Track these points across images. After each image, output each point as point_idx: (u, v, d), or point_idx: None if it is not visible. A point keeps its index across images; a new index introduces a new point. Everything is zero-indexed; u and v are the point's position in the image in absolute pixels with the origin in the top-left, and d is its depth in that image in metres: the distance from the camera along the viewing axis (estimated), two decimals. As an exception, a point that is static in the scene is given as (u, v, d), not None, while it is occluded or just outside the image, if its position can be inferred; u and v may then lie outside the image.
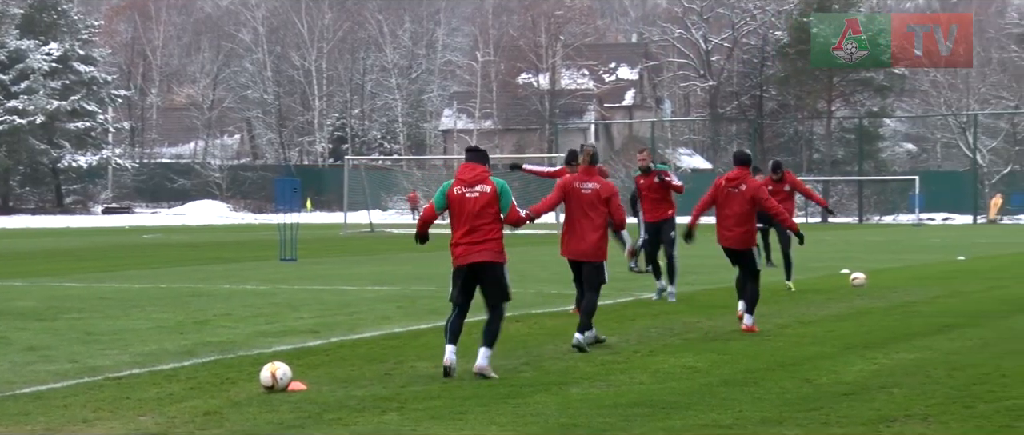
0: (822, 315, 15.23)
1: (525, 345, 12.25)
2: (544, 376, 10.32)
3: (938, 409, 8.71)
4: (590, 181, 11.93)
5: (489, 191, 10.32)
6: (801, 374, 10.36)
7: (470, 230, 10.29)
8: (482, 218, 10.28)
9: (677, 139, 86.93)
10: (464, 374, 10.38)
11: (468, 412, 8.71)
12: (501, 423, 8.35)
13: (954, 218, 69.54)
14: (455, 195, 10.38)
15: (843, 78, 78.31)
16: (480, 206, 10.29)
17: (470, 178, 10.40)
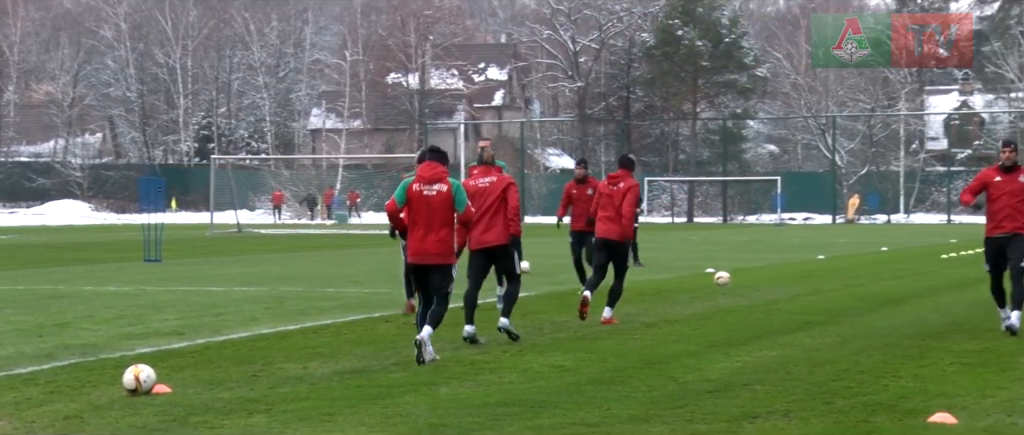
0: (688, 314, 15.46)
1: (395, 345, 12.22)
2: (414, 376, 10.30)
3: (799, 405, 8.91)
4: (488, 176, 12.43)
5: (446, 190, 11.01)
6: (667, 372, 10.50)
7: (425, 228, 10.99)
8: (436, 216, 10.97)
9: (546, 139, 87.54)
10: (332, 374, 10.32)
11: (337, 413, 8.65)
12: (370, 424, 8.31)
13: (814, 218, 71.23)
14: (414, 191, 11.03)
15: (707, 80, 79.67)
16: (436, 204, 10.96)
17: (429, 176, 11.05)
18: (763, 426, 8.21)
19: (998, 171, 13.06)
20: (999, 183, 12.98)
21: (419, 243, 11.04)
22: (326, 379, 10.13)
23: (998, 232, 12.99)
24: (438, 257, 11.05)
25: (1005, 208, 12.90)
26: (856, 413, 8.59)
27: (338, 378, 10.16)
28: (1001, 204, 12.93)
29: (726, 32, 79.83)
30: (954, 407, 8.67)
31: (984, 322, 14.21)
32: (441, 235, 11.03)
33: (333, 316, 14.96)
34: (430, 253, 11.05)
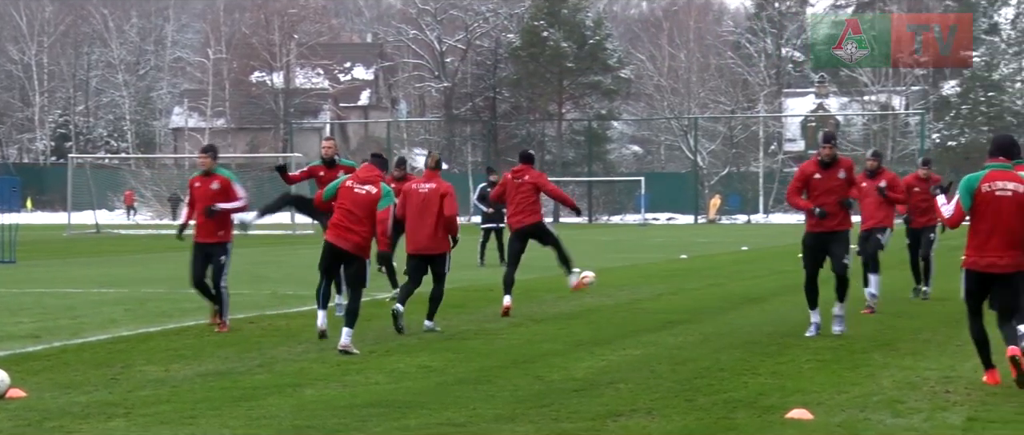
0: (553, 313, 15.58)
1: (259, 346, 12.08)
2: (278, 378, 10.20)
3: (662, 402, 9.04)
4: (429, 182, 13.42)
5: (375, 192, 11.94)
6: (533, 371, 10.57)
7: (348, 219, 11.91)
8: (360, 213, 11.88)
9: (413, 140, 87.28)
10: (194, 376, 10.17)
11: (199, 416, 8.52)
12: (233, 427, 8.21)
13: (677, 218, 72.32)
14: (346, 187, 12.08)
15: (573, 81, 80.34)
16: (363, 202, 11.89)
17: (364, 177, 12.10)
18: (627, 424, 8.31)
19: (817, 166, 12.75)
20: (818, 180, 12.70)
21: (343, 231, 11.92)
22: (188, 381, 9.97)
23: (818, 229, 12.70)
24: (356, 248, 11.91)
25: (823, 206, 12.63)
26: (717, 410, 8.75)
27: (201, 380, 10.01)
28: (820, 202, 12.64)
29: (591, 34, 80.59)
30: (810, 403, 8.89)
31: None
32: (363, 229, 11.91)
33: (196, 317, 14.73)
34: (351, 241, 11.91)
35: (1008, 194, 9.44)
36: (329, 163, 14.71)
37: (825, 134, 12.96)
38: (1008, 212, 9.40)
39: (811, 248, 12.80)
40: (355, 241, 11.90)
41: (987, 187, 9.50)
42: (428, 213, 13.23)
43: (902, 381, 9.99)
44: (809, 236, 12.82)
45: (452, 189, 13.48)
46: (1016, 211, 9.40)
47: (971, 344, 12.21)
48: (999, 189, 9.46)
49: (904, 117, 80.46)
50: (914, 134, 78.14)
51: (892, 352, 11.70)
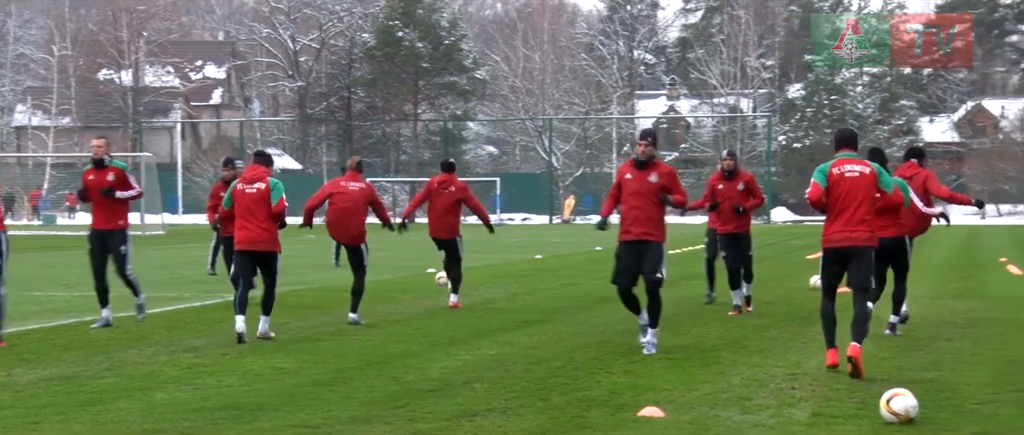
0: (410, 313, 15.55)
1: (107, 349, 11.81)
2: (127, 381, 9.99)
3: (517, 402, 9.10)
4: (354, 182, 14.33)
5: (264, 188, 12.67)
6: (389, 372, 10.54)
7: (248, 220, 12.63)
8: (257, 210, 12.60)
9: (266, 140, 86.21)
10: (38, 381, 9.89)
11: (44, 421, 8.30)
12: (80, 432, 8.01)
13: (532, 218, 72.81)
14: (237, 190, 12.76)
15: (428, 82, 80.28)
16: (255, 201, 12.60)
17: (251, 177, 12.79)
18: (482, 423, 8.34)
19: (631, 166, 11.69)
20: (629, 180, 11.59)
21: (246, 233, 12.66)
22: (32, 386, 9.70)
23: (627, 237, 11.54)
24: (263, 244, 12.69)
25: (632, 210, 11.47)
26: (571, 409, 8.83)
27: (45, 385, 9.74)
28: (629, 205, 11.50)
29: (446, 34, 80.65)
30: (662, 401, 9.03)
31: (690, 318, 14.86)
32: (265, 226, 12.67)
33: (39, 321, 14.33)
34: (255, 241, 12.67)
35: (856, 174, 10.45)
36: (98, 163, 13.94)
37: (643, 131, 11.87)
38: (857, 189, 10.40)
39: (621, 258, 11.57)
40: (263, 238, 12.66)
41: (837, 170, 10.50)
42: (357, 209, 14.16)
43: (750, 378, 10.21)
44: (621, 245, 11.57)
45: (374, 188, 14.68)
46: (864, 188, 10.41)
47: (816, 342, 12.58)
48: (848, 171, 10.47)
49: (752, 119, 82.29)
50: (762, 136, 79.99)
51: (741, 350, 11.95)
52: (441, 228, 16.24)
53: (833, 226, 10.52)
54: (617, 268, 11.59)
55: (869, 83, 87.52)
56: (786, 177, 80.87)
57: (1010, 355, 11.56)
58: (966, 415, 8.56)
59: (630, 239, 11.54)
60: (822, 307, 10.67)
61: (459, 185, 16.30)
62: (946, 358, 11.34)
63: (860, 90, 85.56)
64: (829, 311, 10.56)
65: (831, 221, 10.55)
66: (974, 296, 18.19)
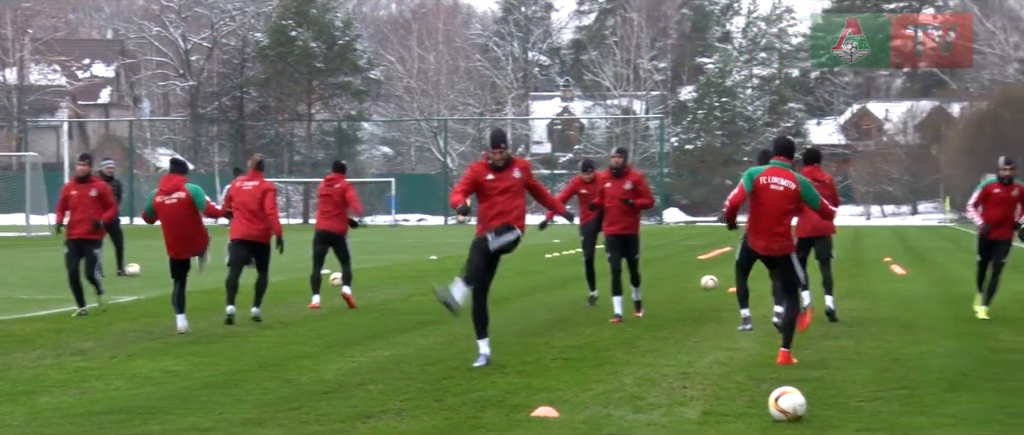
0: (303, 316, 15.45)
1: (-9, 355, 11.55)
2: (11, 385, 9.78)
3: (411, 403, 9.09)
4: (253, 180, 14.64)
5: (184, 196, 13.12)
6: (282, 374, 10.46)
7: (174, 231, 13.18)
8: (181, 219, 13.10)
9: (157, 139, 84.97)
10: (-79, 389, 9.64)
11: (-74, 429, 8.09)
12: (-36, 439, 7.83)
13: (427, 219, 72.72)
14: (158, 202, 13.20)
15: (322, 82, 79.74)
16: (178, 210, 13.09)
17: (168, 188, 13.21)
18: (376, 425, 8.32)
19: (488, 168, 11.18)
20: (490, 181, 11.12)
21: (175, 243, 13.23)
22: (-87, 393, 9.45)
23: None
24: (194, 252, 13.31)
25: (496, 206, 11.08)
26: (466, 409, 8.86)
27: (-73, 392, 9.50)
28: (497, 208, 11.11)
29: (340, 34, 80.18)
30: (556, 401, 9.09)
31: (584, 318, 14.97)
32: (192, 232, 13.23)
33: (-79, 325, 13.97)
34: (182, 251, 13.29)
35: (780, 189, 10.90)
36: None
37: (495, 135, 11.24)
38: (775, 203, 10.89)
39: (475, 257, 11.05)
40: (192, 248, 13.32)
41: (764, 179, 10.99)
42: (256, 207, 14.45)
43: (643, 378, 10.32)
44: (479, 239, 11.10)
45: (274, 187, 14.90)
46: (782, 203, 10.89)
47: (707, 342, 12.77)
48: (773, 183, 10.92)
49: (645, 121, 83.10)
50: (654, 137, 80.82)
51: (633, 350, 12.07)
52: (327, 225, 16.56)
53: (753, 233, 11.13)
54: (472, 265, 10.96)
55: (759, 86, 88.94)
56: (678, 178, 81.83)
57: (893, 353, 11.84)
58: (851, 412, 8.76)
59: None
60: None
61: (344, 184, 16.62)
62: (832, 356, 11.58)
63: (750, 92, 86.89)
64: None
65: (751, 226, 11.16)
66: (859, 295, 18.59)
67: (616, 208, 14.75)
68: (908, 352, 11.87)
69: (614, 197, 14.78)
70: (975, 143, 71.83)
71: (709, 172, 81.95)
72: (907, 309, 16.37)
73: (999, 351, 11.97)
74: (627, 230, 14.82)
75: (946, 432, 8.10)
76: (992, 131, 71.51)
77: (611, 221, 14.84)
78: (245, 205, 14.51)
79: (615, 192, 14.76)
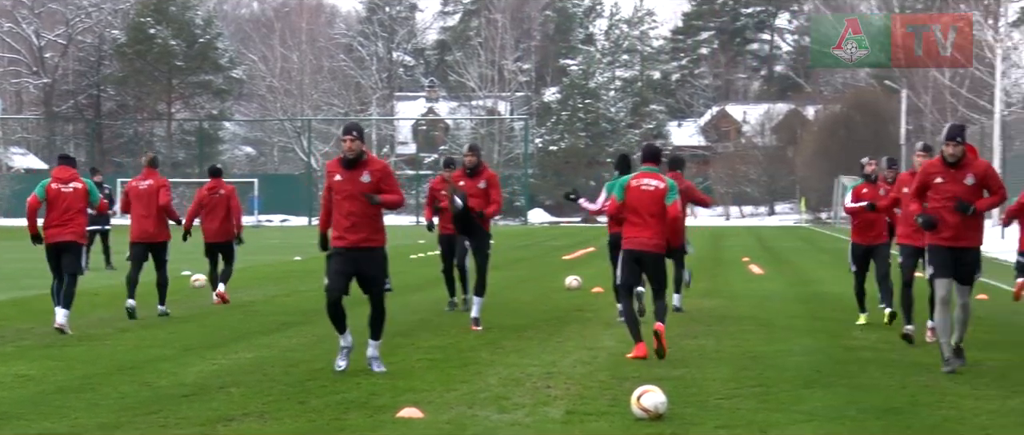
0: (162, 319, 15.18)
1: None
2: None
3: (274, 406, 9.01)
4: (148, 179, 15.27)
5: (81, 187, 13.76)
6: (140, 377, 10.27)
7: (61, 217, 13.60)
8: (74, 207, 13.63)
9: (9, 138, 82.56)
10: None
11: None
12: None
13: (291, 220, 72.00)
14: (53, 189, 13.68)
15: (182, 80, 78.47)
16: (73, 198, 13.65)
17: (65, 177, 13.75)
18: (238, 428, 8.23)
19: (339, 166, 10.52)
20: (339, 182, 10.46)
21: (60, 229, 13.59)
22: None
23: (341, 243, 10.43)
24: (74, 237, 13.63)
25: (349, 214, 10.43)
26: (330, 411, 8.81)
27: None
28: (343, 209, 10.45)
29: (201, 32, 78.97)
30: (421, 402, 9.09)
31: (449, 320, 14.98)
32: (78, 221, 13.69)
33: None
34: (66, 236, 13.60)
35: (651, 189, 11.63)
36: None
37: (346, 126, 10.45)
38: (650, 203, 11.60)
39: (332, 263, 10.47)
40: (73, 232, 13.65)
41: (635, 183, 11.70)
42: (151, 205, 15.14)
43: (507, 378, 10.38)
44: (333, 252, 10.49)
45: (167, 183, 15.49)
46: (656, 202, 11.59)
47: (571, 341, 12.89)
48: (644, 185, 11.66)
49: (510, 122, 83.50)
50: (519, 138, 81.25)
51: (498, 350, 12.13)
52: (219, 232, 17.03)
53: (629, 232, 11.70)
54: (329, 273, 10.38)
55: (621, 88, 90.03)
56: (543, 179, 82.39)
57: (751, 351, 12.09)
58: (710, 410, 8.93)
59: (347, 247, 10.35)
60: (624, 307, 11.78)
61: (228, 189, 17.13)
62: (692, 355, 11.79)
63: (613, 94, 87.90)
64: (630, 311, 11.71)
65: (628, 227, 11.72)
66: (718, 295, 18.94)
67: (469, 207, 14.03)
68: (765, 350, 12.14)
69: (469, 196, 14.08)
70: (829, 145, 73.78)
71: (573, 173, 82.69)
72: (764, 308, 16.73)
73: (851, 349, 12.32)
74: None
75: (801, 428, 8.31)
76: (844, 133, 73.54)
77: None
78: (141, 204, 15.18)
79: (470, 191, 14.14)
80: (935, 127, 61.70)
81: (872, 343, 12.74)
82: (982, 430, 8.24)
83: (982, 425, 8.37)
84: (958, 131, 10.84)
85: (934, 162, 10.95)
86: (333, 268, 10.37)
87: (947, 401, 9.25)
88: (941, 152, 10.89)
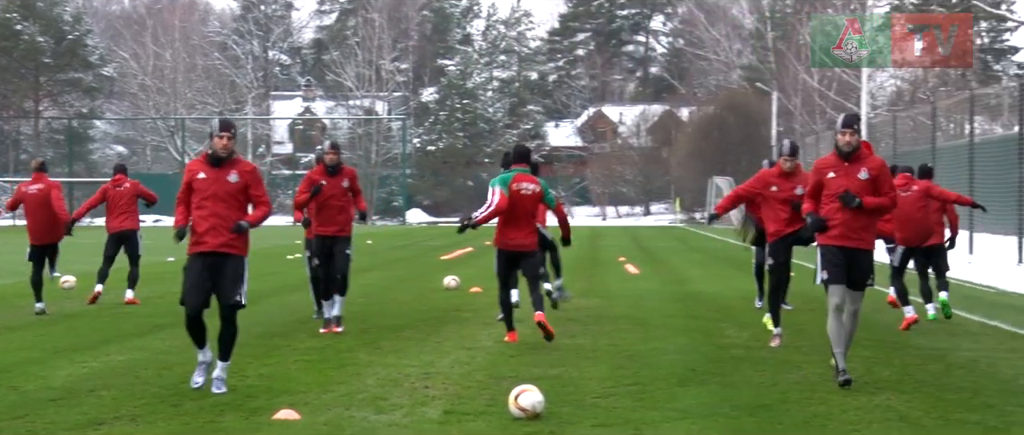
0: (32, 320, 14.85)
1: None
2: None
3: (147, 409, 8.86)
4: (37, 183, 15.69)
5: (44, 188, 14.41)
6: (7, 381, 10.03)
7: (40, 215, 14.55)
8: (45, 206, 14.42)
9: None
10: None
11: None
12: None
13: (164, 220, 70.78)
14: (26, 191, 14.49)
15: (50, 78, 76.68)
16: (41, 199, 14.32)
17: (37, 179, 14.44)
18: (109, 432, 8.08)
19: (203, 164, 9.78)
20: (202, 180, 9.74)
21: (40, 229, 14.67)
22: None
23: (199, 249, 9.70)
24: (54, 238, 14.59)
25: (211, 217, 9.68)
26: (204, 414, 8.69)
27: None
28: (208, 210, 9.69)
29: (69, 29, 77.25)
30: (297, 403, 9.02)
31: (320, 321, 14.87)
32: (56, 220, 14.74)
33: None
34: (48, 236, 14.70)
35: (529, 192, 12.33)
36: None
37: (223, 122, 9.77)
38: (528, 205, 12.32)
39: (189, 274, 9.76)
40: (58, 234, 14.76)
41: (516, 186, 12.29)
42: (46, 208, 15.49)
43: (385, 378, 10.35)
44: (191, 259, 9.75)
45: (58, 184, 15.92)
46: (533, 203, 12.39)
47: (449, 341, 12.92)
48: (524, 188, 12.30)
49: (387, 122, 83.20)
50: (397, 138, 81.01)
51: (376, 351, 12.09)
52: (122, 224, 17.41)
53: (508, 233, 12.35)
54: (186, 285, 9.65)
55: (499, 88, 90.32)
56: (421, 179, 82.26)
57: (627, 350, 12.23)
58: (587, 409, 9.01)
59: (204, 252, 9.57)
60: (501, 298, 12.61)
61: (134, 183, 17.49)
62: (570, 354, 11.88)
63: (491, 95, 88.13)
64: (506, 301, 12.60)
65: (506, 228, 12.35)
66: (595, 294, 19.12)
67: (332, 206, 13.56)
68: (641, 349, 12.29)
69: (330, 196, 13.60)
70: (702, 146, 74.93)
71: (451, 173, 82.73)
72: (640, 307, 16.93)
73: (724, 347, 12.53)
74: (342, 232, 13.65)
75: (675, 425, 8.43)
76: (718, 134, 74.77)
77: (325, 221, 13.54)
78: (35, 208, 15.62)
79: (332, 190, 13.62)
80: (804, 128, 63.10)
81: (745, 341, 12.98)
82: (850, 426, 8.44)
83: (850, 421, 8.59)
84: (854, 119, 10.19)
85: (827, 157, 10.29)
86: (190, 281, 9.54)
87: (817, 398, 9.47)
88: (835, 142, 10.21)
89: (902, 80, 62.10)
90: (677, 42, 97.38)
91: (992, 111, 40.84)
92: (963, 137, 32.91)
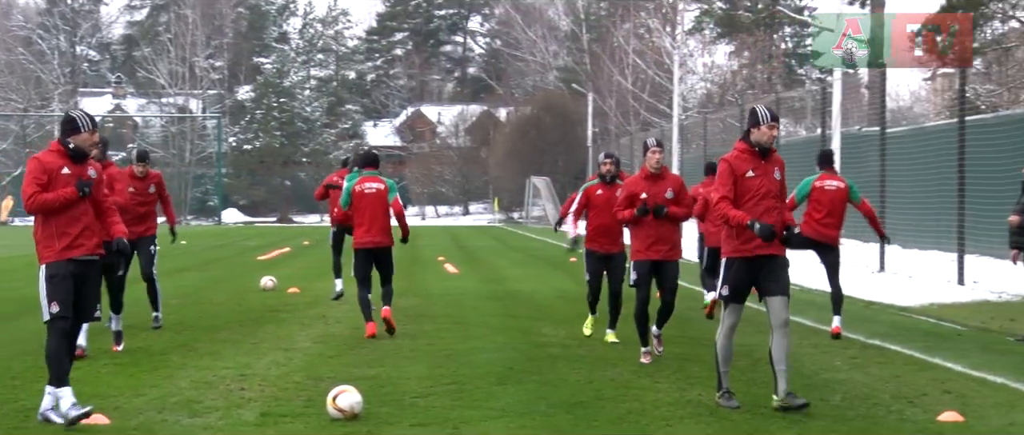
0: None
1: None
2: None
3: (-52, 417, 8.52)
4: None
5: None
6: None
7: None
8: None
9: None
10: None
11: None
12: None
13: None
14: None
15: None
16: None
17: None
18: (-93, 443, 7.75)
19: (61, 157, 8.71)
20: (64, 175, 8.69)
21: None
22: None
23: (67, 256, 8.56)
24: None
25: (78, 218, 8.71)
26: (8, 420, 8.45)
27: None
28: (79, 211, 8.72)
29: None
30: (107, 408, 8.80)
31: (138, 323, 14.53)
32: None
33: None
34: None
35: (374, 191, 13.19)
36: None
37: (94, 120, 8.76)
38: (376, 203, 13.16)
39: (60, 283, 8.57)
40: None
41: (359, 188, 13.17)
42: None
43: (200, 381, 10.17)
44: None
45: None
46: (382, 201, 13.17)
47: (265, 343, 12.78)
48: (367, 188, 13.18)
49: (202, 120, 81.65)
50: (212, 137, 79.55)
51: (190, 353, 11.87)
52: None
53: (360, 232, 13.23)
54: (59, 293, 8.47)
55: (316, 87, 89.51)
56: (237, 178, 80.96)
57: (445, 349, 12.28)
58: (406, 408, 9.02)
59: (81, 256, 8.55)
60: (360, 296, 13.24)
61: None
62: (389, 354, 11.87)
63: (308, 94, 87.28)
64: (365, 299, 13.20)
65: (358, 227, 13.24)
66: (415, 294, 19.13)
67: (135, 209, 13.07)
68: (459, 348, 12.35)
69: (135, 196, 13.19)
70: (520, 146, 75.59)
71: (268, 173, 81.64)
72: (459, 306, 17.01)
73: (541, 345, 12.68)
74: (147, 233, 13.37)
75: (493, 424, 8.50)
76: (535, 135, 75.50)
77: (132, 223, 12.61)
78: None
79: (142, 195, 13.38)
80: (619, 129, 64.20)
81: (561, 339, 13.15)
82: (663, 421, 8.64)
83: (663, 416, 8.79)
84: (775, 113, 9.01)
85: (740, 153, 8.95)
86: (64, 289, 8.42)
87: (631, 394, 9.66)
88: (752, 137, 8.94)
89: (711, 83, 63.72)
90: (494, 43, 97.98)
91: (796, 113, 42.32)
92: (770, 139, 33.93)
